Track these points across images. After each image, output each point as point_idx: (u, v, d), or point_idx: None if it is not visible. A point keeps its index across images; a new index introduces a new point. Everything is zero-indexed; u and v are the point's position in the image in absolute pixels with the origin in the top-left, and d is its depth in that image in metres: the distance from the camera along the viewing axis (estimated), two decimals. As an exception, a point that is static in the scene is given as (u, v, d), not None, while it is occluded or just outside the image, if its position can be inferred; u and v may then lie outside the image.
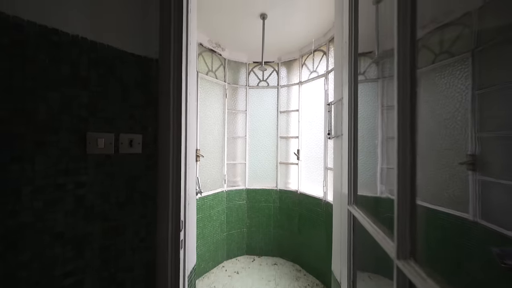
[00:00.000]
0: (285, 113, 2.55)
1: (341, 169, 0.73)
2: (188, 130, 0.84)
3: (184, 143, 0.81)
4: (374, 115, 0.65)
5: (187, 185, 0.82)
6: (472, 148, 0.49)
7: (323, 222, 2.04)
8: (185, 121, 0.82)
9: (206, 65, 2.22)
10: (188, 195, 0.82)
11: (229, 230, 2.45)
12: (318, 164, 2.17)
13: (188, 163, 0.83)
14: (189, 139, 0.84)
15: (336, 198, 0.78)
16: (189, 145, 0.84)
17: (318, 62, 2.18)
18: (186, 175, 0.81)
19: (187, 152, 0.81)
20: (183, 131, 0.80)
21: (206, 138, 2.21)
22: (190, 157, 0.85)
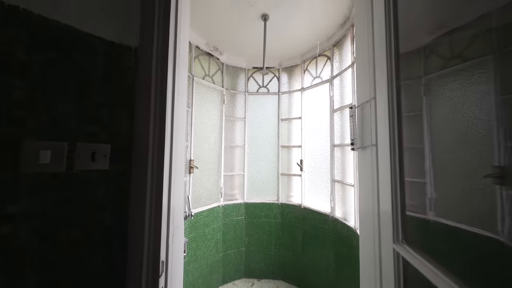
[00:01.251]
0: (287, 121, 2.39)
1: (374, 190, 0.54)
2: (176, 139, 0.65)
3: (169, 155, 0.62)
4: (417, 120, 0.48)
5: (172, 210, 0.62)
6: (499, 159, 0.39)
7: (331, 241, 1.82)
8: (170, 127, 0.63)
9: (203, 69, 2.08)
10: (172, 224, 0.62)
11: (225, 250, 2.20)
12: (324, 176, 1.98)
13: (174, 181, 0.63)
14: (176, 150, 0.65)
15: (366, 229, 0.59)
16: (176, 157, 0.65)
17: (322, 68, 2.06)
18: (170, 197, 0.61)
19: (172, 167, 0.62)
20: (168, 140, 0.61)
21: (201, 148, 2.02)
22: (177, 174, 0.65)
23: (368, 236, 0.63)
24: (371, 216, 0.61)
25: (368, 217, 0.63)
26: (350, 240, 1.54)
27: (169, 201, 0.61)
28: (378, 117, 0.58)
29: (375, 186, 0.59)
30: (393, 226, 0.48)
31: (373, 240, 0.60)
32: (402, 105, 0.52)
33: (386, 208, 0.53)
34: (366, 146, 0.64)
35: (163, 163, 0.59)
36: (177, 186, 0.66)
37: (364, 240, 0.67)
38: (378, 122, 0.58)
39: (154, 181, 0.58)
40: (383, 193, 0.54)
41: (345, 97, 1.70)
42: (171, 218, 0.62)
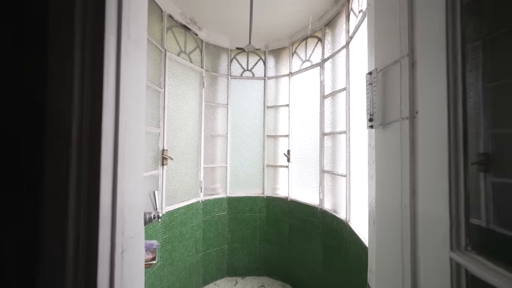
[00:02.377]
0: (273, 109, 2.22)
1: (405, 179, 0.39)
2: (125, 117, 0.43)
3: (113, 140, 0.40)
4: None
5: (121, 216, 0.41)
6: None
7: (319, 234, 1.74)
8: (115, 98, 0.41)
9: (178, 44, 1.78)
10: (122, 234, 0.41)
11: (206, 249, 2.00)
12: (312, 166, 1.87)
13: (123, 175, 0.41)
14: (126, 133, 0.43)
15: (387, 229, 0.45)
16: (126, 143, 0.43)
17: (312, 50, 1.91)
18: (116, 198, 0.40)
19: (119, 156, 0.40)
20: (109, 118, 0.39)
21: (176, 136, 1.75)
22: (130, 165, 0.44)
23: (392, 239, 0.49)
24: (398, 213, 0.47)
25: (392, 215, 0.49)
26: (340, 233, 1.46)
27: (114, 203, 0.39)
28: (419, 80, 0.42)
29: (407, 175, 0.44)
30: (451, 229, 0.33)
31: (400, 244, 0.46)
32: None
33: (432, 204, 0.38)
34: (391, 122, 0.49)
35: (100, 149, 0.37)
36: (131, 181, 0.44)
37: (383, 243, 0.53)
38: (419, 86, 0.42)
39: (83, 176, 0.36)
40: (426, 184, 0.40)
41: (338, 82, 1.58)
42: (118, 226, 0.40)
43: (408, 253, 0.44)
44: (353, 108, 1.38)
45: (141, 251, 0.50)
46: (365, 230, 1.13)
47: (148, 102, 1.43)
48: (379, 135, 0.54)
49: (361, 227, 1.23)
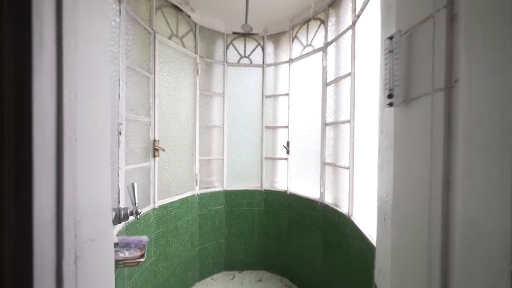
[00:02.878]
0: (272, 98, 2.10)
1: (437, 171, 0.28)
2: (74, 90, 0.33)
3: (55, 121, 0.30)
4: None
5: (74, 214, 0.31)
6: None
7: (319, 228, 1.67)
8: (56, 69, 0.30)
9: (169, 26, 1.64)
10: (75, 237, 0.32)
11: (202, 243, 1.95)
12: (313, 159, 1.79)
13: (74, 166, 0.32)
14: (83, 113, 0.33)
15: (411, 232, 0.34)
16: (76, 125, 0.33)
17: (314, 34, 1.77)
18: (61, 191, 0.30)
19: (63, 142, 0.30)
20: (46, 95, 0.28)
21: (169, 126, 1.65)
22: (92, 152, 0.34)
23: (414, 239, 0.40)
24: (425, 209, 0.38)
25: (415, 211, 0.40)
26: (342, 228, 1.39)
27: (60, 202, 0.30)
28: (461, 38, 0.32)
29: (439, 162, 0.35)
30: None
31: (427, 246, 0.37)
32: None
33: (480, 202, 0.29)
34: (418, 97, 0.39)
35: (31, 136, 0.27)
36: (88, 173, 0.34)
37: (402, 243, 0.44)
38: (462, 46, 0.32)
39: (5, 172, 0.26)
40: (471, 176, 0.30)
41: (342, 67, 1.46)
42: (68, 229, 0.31)
43: (437, 256, 0.35)
44: (359, 95, 1.28)
45: (108, 254, 0.41)
46: (371, 226, 1.05)
47: (137, 88, 1.32)
48: (400, 115, 0.44)
49: (365, 222, 1.15)
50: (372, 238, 1.00)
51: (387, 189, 0.62)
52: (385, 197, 0.64)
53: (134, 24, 1.28)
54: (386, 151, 0.63)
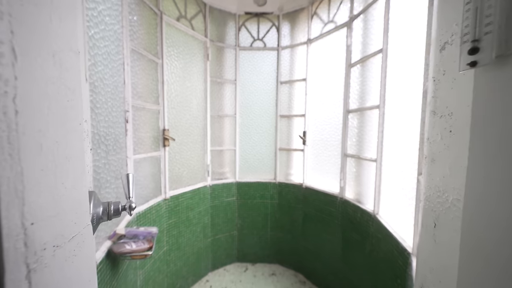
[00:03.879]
0: (287, 84, 1.94)
1: None
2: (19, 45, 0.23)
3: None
4: None
5: (15, 219, 0.23)
6: None
7: (338, 225, 1.55)
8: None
9: (177, 7, 1.53)
10: (25, 247, 0.24)
11: (214, 234, 1.92)
12: (332, 150, 1.63)
13: (20, 149, 0.23)
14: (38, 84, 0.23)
15: (487, 238, 0.20)
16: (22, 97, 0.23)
17: (337, 8, 1.55)
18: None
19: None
20: None
21: (179, 115, 1.58)
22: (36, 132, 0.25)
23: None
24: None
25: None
26: (365, 227, 1.25)
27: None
28: None
29: None
30: None
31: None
32: None
33: None
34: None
35: None
36: (43, 161, 0.26)
37: (482, 267, 0.30)
38: None
39: None
40: None
41: (371, 44, 1.25)
42: (12, 234, 0.23)
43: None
44: (391, 75, 1.08)
45: (87, 260, 0.33)
46: (405, 228, 0.90)
47: (144, 73, 1.25)
48: (492, 79, 0.29)
49: (395, 222, 1.00)
50: (405, 242, 0.86)
51: (443, 187, 0.47)
52: (438, 197, 0.49)
53: (139, 3, 1.19)
54: (441, 137, 0.48)
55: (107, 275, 0.80)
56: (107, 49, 0.86)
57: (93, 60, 0.74)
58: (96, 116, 0.77)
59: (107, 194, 0.85)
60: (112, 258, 0.85)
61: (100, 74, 0.80)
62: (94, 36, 0.76)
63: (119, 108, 0.99)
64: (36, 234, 0.25)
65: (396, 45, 1.06)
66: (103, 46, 0.82)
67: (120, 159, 1.00)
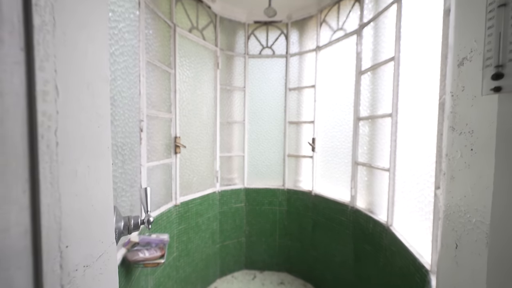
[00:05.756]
0: (296, 91, 1.94)
1: None
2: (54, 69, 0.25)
3: (25, 91, 0.22)
4: None
5: (53, 240, 0.25)
6: None
7: (349, 235, 1.51)
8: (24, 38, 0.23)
9: (189, 19, 1.58)
10: (60, 268, 0.25)
11: (223, 240, 1.93)
12: (343, 157, 1.60)
13: (58, 167, 0.25)
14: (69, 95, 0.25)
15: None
16: (69, 110, 0.25)
17: (346, 16, 1.55)
18: (38, 210, 0.23)
19: (37, 133, 0.23)
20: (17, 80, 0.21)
21: (190, 123, 1.62)
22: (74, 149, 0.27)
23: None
24: None
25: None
26: (378, 238, 1.21)
27: (37, 221, 0.23)
28: None
29: None
30: None
31: None
32: None
33: None
34: None
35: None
36: (79, 176, 0.28)
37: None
38: None
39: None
40: None
41: (382, 51, 1.24)
42: (50, 259, 0.24)
43: None
44: (404, 83, 1.06)
45: (110, 277, 0.34)
46: (422, 242, 0.87)
47: (157, 84, 1.30)
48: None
49: (411, 236, 0.97)
50: (422, 257, 0.83)
51: (464, 207, 0.46)
52: (460, 217, 0.47)
53: (154, 18, 1.24)
54: (461, 155, 0.47)
55: (121, 283, 0.82)
56: (126, 64, 0.90)
57: (113, 75, 0.78)
58: (114, 128, 0.80)
59: (122, 203, 0.88)
60: (126, 265, 0.87)
61: (119, 87, 0.84)
62: (115, 52, 0.80)
63: (134, 118, 1.03)
64: (70, 256, 0.27)
65: (409, 53, 1.04)
66: (122, 61, 0.86)
67: (135, 168, 1.04)
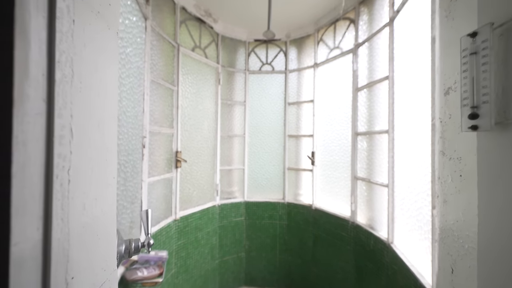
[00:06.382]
0: (295, 105, 1.99)
1: None
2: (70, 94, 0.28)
3: (44, 141, 0.25)
4: None
5: (59, 269, 0.26)
6: None
7: (351, 251, 1.48)
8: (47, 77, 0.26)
9: (192, 38, 1.67)
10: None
11: (222, 256, 1.89)
12: (342, 172, 1.61)
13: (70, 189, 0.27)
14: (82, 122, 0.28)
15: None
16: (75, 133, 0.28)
17: (342, 35, 1.63)
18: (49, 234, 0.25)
19: (53, 155, 0.26)
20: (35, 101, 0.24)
21: (192, 137, 1.65)
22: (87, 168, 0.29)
23: None
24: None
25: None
26: (379, 255, 1.19)
27: (47, 246, 0.25)
28: None
29: None
30: None
31: None
32: None
33: None
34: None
35: (10, 145, 0.22)
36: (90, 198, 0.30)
37: None
38: None
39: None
40: None
41: (376, 70, 1.29)
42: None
43: None
44: (399, 101, 1.10)
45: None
46: (422, 261, 0.86)
47: (161, 101, 1.34)
48: (492, 142, 0.31)
49: (412, 254, 0.96)
50: (423, 278, 0.82)
51: (457, 231, 0.47)
52: (453, 241, 0.48)
53: (159, 39, 1.31)
54: (452, 180, 0.49)
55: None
56: (131, 84, 0.95)
57: (119, 97, 0.82)
58: (118, 147, 0.83)
59: (123, 220, 0.89)
60: (124, 284, 0.86)
61: (124, 108, 0.88)
62: (121, 75, 0.84)
63: (138, 136, 1.06)
64: (75, 287, 0.28)
65: (403, 73, 1.09)
66: (128, 83, 0.91)
67: (136, 184, 1.06)
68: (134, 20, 0.96)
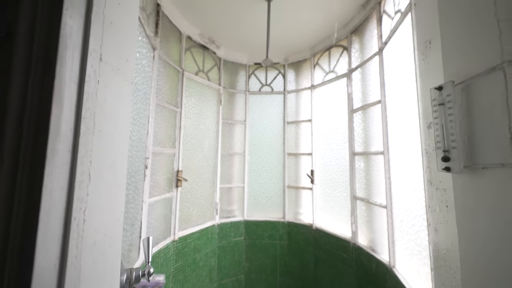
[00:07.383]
0: (294, 124, 2.05)
1: None
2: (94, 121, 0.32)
3: (66, 195, 0.29)
4: None
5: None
6: None
7: (352, 274, 1.44)
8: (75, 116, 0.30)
9: (196, 63, 1.78)
10: None
11: (221, 278, 1.83)
12: (341, 191, 1.62)
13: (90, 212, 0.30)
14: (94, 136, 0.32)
15: None
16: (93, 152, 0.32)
17: (337, 61, 1.74)
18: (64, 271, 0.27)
19: (75, 181, 0.29)
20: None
21: (193, 156, 1.69)
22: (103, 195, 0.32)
23: None
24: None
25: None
26: (382, 280, 1.16)
27: (62, 278, 0.27)
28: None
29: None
30: None
31: None
32: None
33: None
34: (491, 166, 0.30)
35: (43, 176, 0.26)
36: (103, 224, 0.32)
37: None
38: None
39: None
40: None
41: (370, 94, 1.36)
42: None
43: None
44: (392, 124, 1.15)
45: None
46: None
47: (164, 122, 1.40)
48: (463, 183, 0.34)
49: (413, 279, 0.94)
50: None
51: (448, 261, 0.48)
52: (446, 272, 0.49)
53: (165, 66, 1.41)
54: (440, 209, 0.51)
55: (113, 333, 0.79)
56: (138, 110, 1.01)
57: (126, 123, 0.87)
58: (122, 170, 0.86)
59: (122, 244, 0.89)
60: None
61: (129, 132, 0.92)
62: (129, 103, 0.90)
63: (141, 157, 1.10)
64: (81, 322, 0.30)
65: (394, 98, 1.15)
66: (135, 109, 0.97)
67: (137, 205, 1.07)
68: (143, 52, 1.05)
